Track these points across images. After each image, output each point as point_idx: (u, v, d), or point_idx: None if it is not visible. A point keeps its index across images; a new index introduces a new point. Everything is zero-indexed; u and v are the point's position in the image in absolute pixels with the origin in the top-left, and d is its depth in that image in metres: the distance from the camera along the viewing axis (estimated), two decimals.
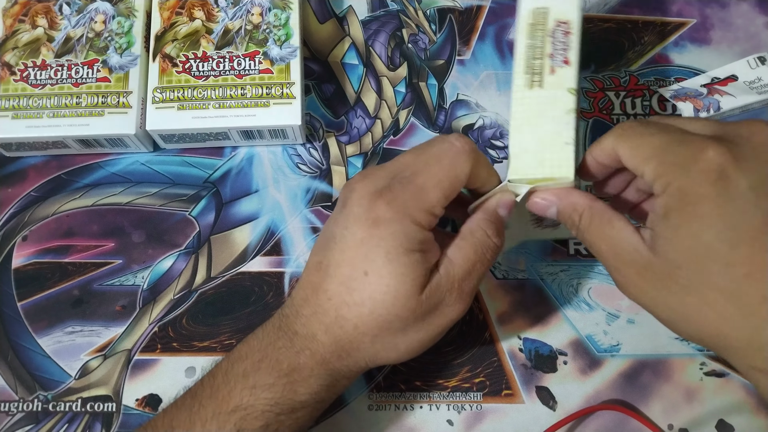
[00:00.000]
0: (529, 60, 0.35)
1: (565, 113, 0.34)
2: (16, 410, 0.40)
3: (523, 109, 0.35)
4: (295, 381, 0.32)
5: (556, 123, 0.34)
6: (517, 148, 0.34)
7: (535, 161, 0.34)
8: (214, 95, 0.44)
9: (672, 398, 0.41)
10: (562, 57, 0.35)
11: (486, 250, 0.33)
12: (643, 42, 0.50)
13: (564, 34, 0.35)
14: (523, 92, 0.35)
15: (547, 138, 0.34)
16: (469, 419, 0.41)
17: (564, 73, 0.35)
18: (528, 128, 0.34)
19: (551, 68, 0.35)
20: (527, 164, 0.34)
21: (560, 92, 0.35)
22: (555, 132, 0.34)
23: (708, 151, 0.26)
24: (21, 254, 0.44)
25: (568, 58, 0.35)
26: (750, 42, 0.50)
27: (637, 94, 0.49)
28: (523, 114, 0.35)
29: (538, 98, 0.35)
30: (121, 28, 0.46)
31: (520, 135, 0.34)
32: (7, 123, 0.43)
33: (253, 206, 0.45)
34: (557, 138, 0.34)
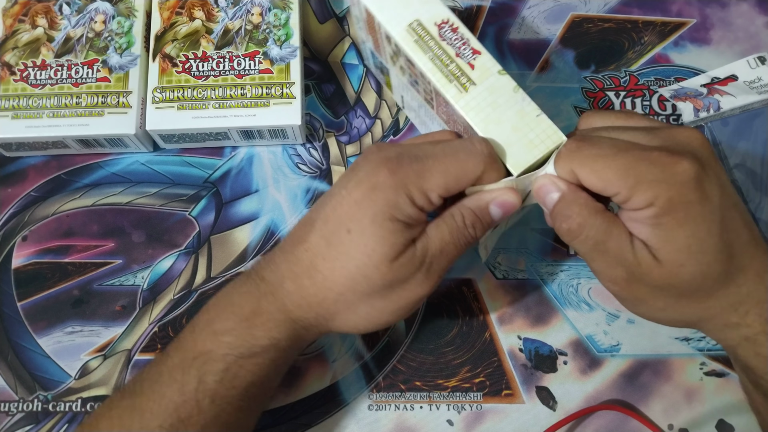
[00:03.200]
0: (443, 70, 0.35)
1: (513, 94, 0.34)
2: (16, 410, 0.40)
3: (474, 113, 0.34)
4: (254, 325, 0.33)
5: (513, 105, 0.34)
6: (501, 147, 0.34)
7: (524, 147, 0.33)
8: (214, 95, 0.44)
9: (672, 398, 0.41)
10: (469, 50, 0.35)
11: (460, 236, 0.34)
12: (643, 42, 0.50)
13: (453, 31, 0.35)
14: (462, 100, 0.34)
15: (518, 122, 0.34)
16: (469, 419, 0.41)
17: (482, 61, 0.35)
18: (494, 126, 0.34)
19: (468, 64, 0.34)
20: (519, 155, 0.33)
21: (493, 79, 0.34)
22: (519, 113, 0.34)
23: (682, 163, 0.30)
24: (21, 254, 0.44)
25: (475, 48, 0.35)
26: (750, 42, 0.50)
27: (637, 94, 0.49)
28: (479, 116, 0.34)
29: (478, 96, 0.34)
30: (121, 28, 0.46)
31: (493, 132, 0.34)
32: (7, 123, 0.43)
33: (253, 206, 0.45)
34: (526, 117, 0.34)
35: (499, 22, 0.51)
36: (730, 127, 0.48)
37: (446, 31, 0.35)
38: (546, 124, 0.33)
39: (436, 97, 0.36)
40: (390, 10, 0.36)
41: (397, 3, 0.36)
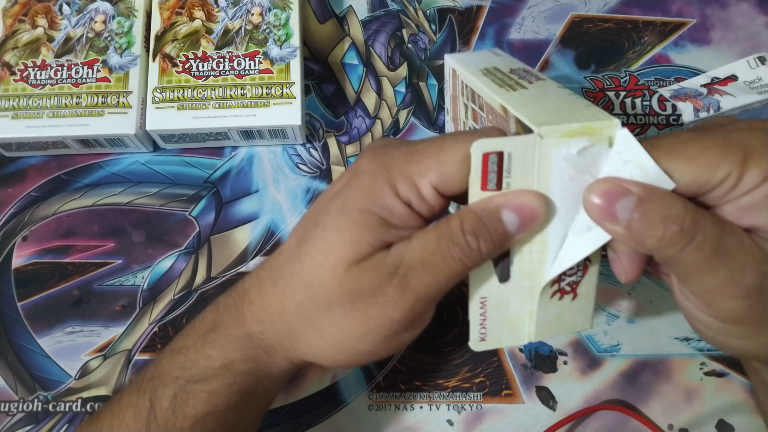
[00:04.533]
0: (499, 83, 0.31)
1: (562, 90, 0.29)
2: (16, 410, 0.40)
3: (513, 100, 0.28)
4: (208, 342, 0.28)
5: (561, 96, 0.28)
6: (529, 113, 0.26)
7: (560, 116, 0.25)
8: (214, 95, 0.44)
9: (672, 398, 0.41)
10: (534, 77, 0.32)
11: (452, 244, 0.25)
12: (643, 42, 0.50)
13: (524, 71, 0.33)
14: (506, 95, 0.29)
15: (561, 104, 0.27)
16: (469, 419, 0.41)
17: (544, 81, 0.31)
18: (531, 106, 0.27)
19: (528, 81, 0.31)
20: (552, 117, 0.25)
21: (548, 86, 0.30)
22: (566, 100, 0.27)
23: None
24: (21, 254, 0.44)
25: (540, 76, 0.31)
26: (750, 42, 0.50)
27: (637, 94, 0.49)
28: (517, 101, 0.28)
29: (526, 94, 0.29)
30: (121, 28, 0.46)
31: (526, 109, 0.27)
32: (7, 123, 0.43)
33: (253, 206, 0.45)
34: (573, 102, 0.27)
35: (499, 22, 0.51)
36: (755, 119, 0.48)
37: (519, 71, 0.33)
38: (596, 110, 0.26)
39: (487, 120, 0.32)
40: (472, 66, 0.34)
41: (482, 63, 0.34)
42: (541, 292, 0.28)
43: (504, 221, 0.25)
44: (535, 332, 0.29)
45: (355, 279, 0.26)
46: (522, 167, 0.25)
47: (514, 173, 0.25)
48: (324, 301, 0.27)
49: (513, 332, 0.29)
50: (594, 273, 0.28)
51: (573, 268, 0.27)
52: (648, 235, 0.24)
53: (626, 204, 0.23)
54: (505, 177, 0.25)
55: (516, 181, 0.25)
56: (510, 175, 0.25)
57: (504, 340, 0.30)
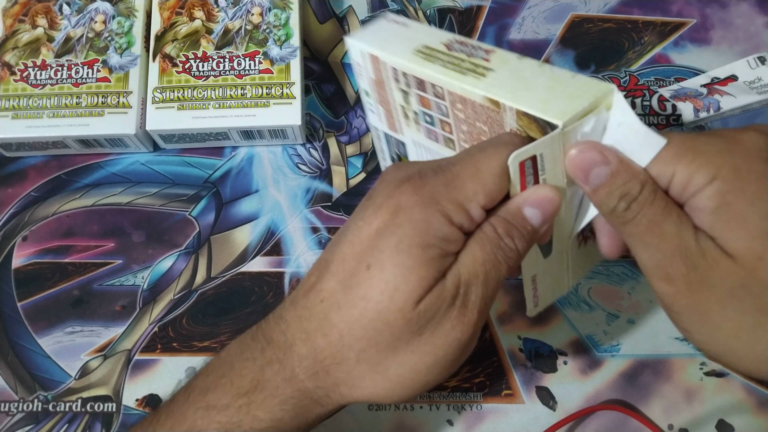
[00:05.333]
0: (456, 69, 0.30)
1: (539, 67, 0.29)
2: (16, 410, 0.40)
3: (498, 90, 0.28)
4: (254, 402, 0.27)
5: (542, 74, 0.28)
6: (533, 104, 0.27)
7: (565, 101, 0.26)
8: (214, 95, 0.44)
9: (672, 398, 0.41)
10: (482, 51, 0.31)
11: (496, 249, 0.26)
12: (643, 42, 0.50)
13: (460, 44, 0.31)
14: (481, 84, 0.28)
15: (551, 84, 0.28)
16: (469, 419, 0.41)
17: (498, 54, 0.30)
18: (524, 93, 0.27)
19: (483, 59, 0.30)
20: (560, 107, 0.26)
21: (514, 62, 0.29)
22: (551, 78, 0.28)
23: (748, 132, 0.25)
24: (21, 254, 0.44)
25: (488, 48, 0.31)
26: (750, 42, 0.50)
27: (637, 94, 0.49)
28: (504, 91, 0.28)
29: (499, 77, 0.29)
30: (121, 28, 0.46)
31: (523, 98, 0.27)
32: (7, 123, 0.43)
33: (253, 206, 0.45)
34: (559, 78, 0.28)
35: (499, 22, 0.51)
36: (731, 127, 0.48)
37: (454, 44, 0.31)
38: (585, 80, 0.27)
39: (452, 109, 0.31)
40: (394, 46, 0.32)
41: (401, 40, 0.32)
42: (571, 245, 0.31)
43: (528, 217, 0.27)
44: (572, 279, 0.34)
45: (422, 314, 0.25)
46: (552, 161, 0.27)
47: (547, 168, 0.27)
48: (390, 343, 0.26)
49: (557, 288, 0.34)
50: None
51: None
52: (604, 203, 0.26)
53: (600, 172, 0.26)
54: (541, 174, 0.27)
55: (549, 174, 0.27)
56: (545, 171, 0.27)
57: (551, 298, 0.34)
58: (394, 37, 0.33)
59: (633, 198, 0.26)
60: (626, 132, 0.26)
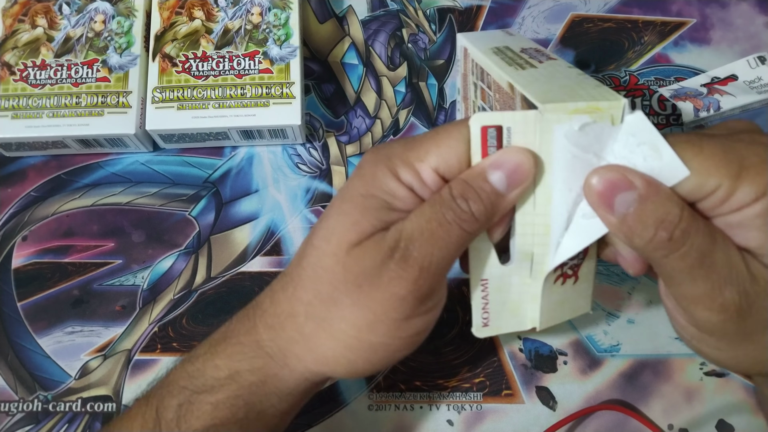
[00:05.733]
0: (509, 62, 0.30)
1: (571, 70, 0.28)
2: (16, 410, 0.40)
3: (521, 78, 0.27)
4: (217, 351, 0.28)
5: (570, 76, 0.27)
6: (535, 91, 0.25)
7: (566, 95, 0.25)
8: (213, 95, 0.44)
9: (672, 398, 0.41)
10: (545, 56, 0.30)
11: (445, 209, 0.25)
12: (643, 42, 0.50)
13: (536, 51, 0.32)
14: (515, 74, 0.28)
15: (568, 83, 0.26)
16: (469, 419, 0.41)
17: (556, 60, 0.30)
18: (539, 85, 0.26)
19: (538, 61, 0.30)
20: (558, 96, 0.25)
21: (557, 65, 0.29)
22: (575, 79, 0.27)
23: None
24: (21, 254, 0.44)
25: (551, 56, 0.31)
26: (750, 42, 0.50)
27: (637, 94, 0.49)
28: (525, 80, 0.27)
29: (534, 73, 0.28)
30: (121, 27, 0.46)
31: (532, 87, 0.26)
32: (7, 123, 0.43)
33: (253, 206, 0.45)
34: (581, 81, 0.26)
35: (499, 22, 0.51)
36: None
37: (529, 50, 0.32)
38: (605, 90, 0.25)
39: (494, 100, 0.31)
40: (482, 44, 0.33)
41: (492, 42, 0.33)
42: (545, 280, 0.27)
43: (491, 181, 0.25)
44: (540, 321, 0.29)
45: (357, 259, 0.25)
46: (522, 143, 0.25)
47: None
48: (330, 293, 0.26)
49: (516, 318, 0.29)
50: (594, 254, 0.28)
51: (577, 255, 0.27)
52: (638, 234, 0.23)
53: (627, 198, 0.23)
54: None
55: None
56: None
57: (507, 326, 0.29)
58: (491, 40, 0.34)
59: (674, 225, 0.23)
60: (648, 153, 0.23)
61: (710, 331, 0.25)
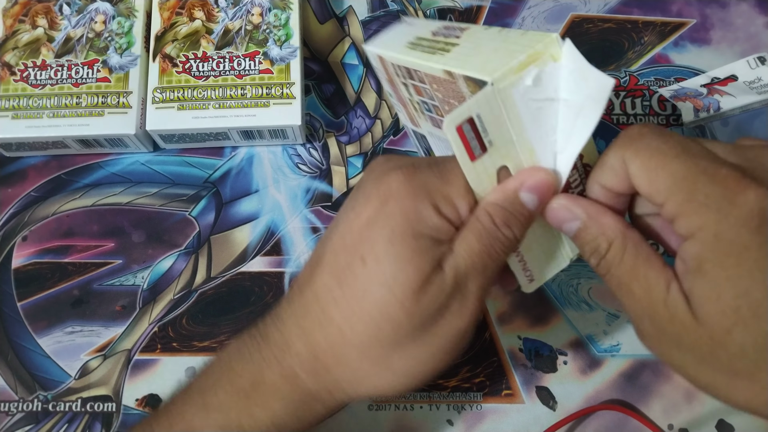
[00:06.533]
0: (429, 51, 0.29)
1: (497, 32, 0.28)
2: (16, 410, 0.40)
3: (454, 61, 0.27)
4: (253, 401, 0.27)
5: (496, 37, 0.27)
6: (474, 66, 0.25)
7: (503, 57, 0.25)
8: (214, 95, 0.44)
9: (672, 398, 0.41)
10: (458, 30, 0.30)
11: (493, 240, 0.26)
12: (643, 42, 0.50)
13: (446, 28, 0.31)
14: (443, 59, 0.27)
15: (499, 45, 0.26)
16: (469, 419, 0.41)
17: (470, 29, 0.29)
18: (472, 58, 0.26)
19: (455, 36, 0.29)
20: (496, 61, 0.25)
21: (478, 33, 0.28)
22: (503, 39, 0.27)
23: (748, 193, 0.22)
24: (21, 254, 0.44)
25: (464, 27, 0.30)
26: (750, 42, 0.50)
27: (637, 94, 0.49)
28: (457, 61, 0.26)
29: (460, 50, 0.28)
30: (121, 28, 0.46)
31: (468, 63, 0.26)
32: (7, 123, 0.43)
33: (253, 206, 0.45)
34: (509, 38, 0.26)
35: (499, 22, 0.51)
36: (730, 128, 0.48)
37: (440, 30, 0.31)
38: (532, 35, 0.26)
39: (432, 91, 0.31)
40: (393, 43, 0.32)
41: (401, 37, 0.33)
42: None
43: (524, 202, 0.26)
44: (573, 248, 0.31)
45: (424, 306, 0.25)
46: (495, 121, 0.25)
47: (490, 130, 0.25)
48: (394, 338, 0.26)
49: (554, 261, 0.32)
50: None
51: (575, 176, 0.28)
52: (581, 252, 0.27)
53: (572, 227, 0.27)
54: (485, 137, 0.25)
55: (495, 136, 0.26)
56: (488, 133, 0.25)
57: (549, 272, 0.32)
58: (398, 36, 0.33)
59: (601, 255, 0.26)
60: (577, 79, 0.25)
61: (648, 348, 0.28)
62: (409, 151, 0.47)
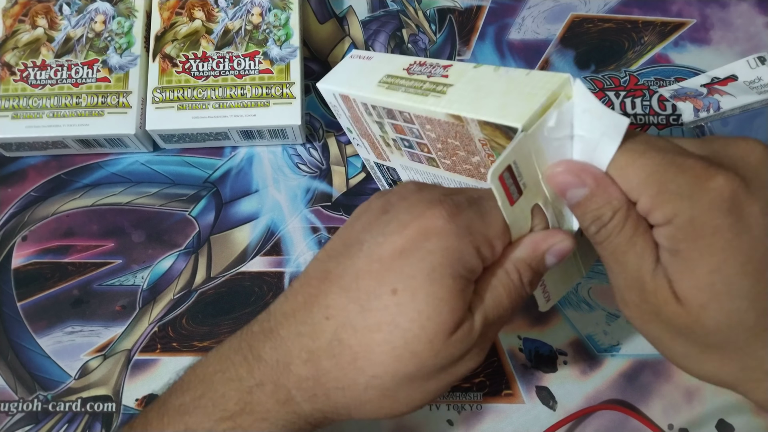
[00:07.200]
0: (417, 92, 0.30)
1: (494, 72, 0.29)
2: (16, 410, 0.40)
3: (458, 105, 0.28)
4: (240, 427, 0.25)
5: (498, 79, 0.28)
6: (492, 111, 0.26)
7: (522, 101, 0.26)
8: (213, 95, 0.44)
9: (672, 398, 0.41)
10: (440, 68, 0.31)
11: (519, 297, 0.27)
12: (643, 42, 0.50)
13: (420, 65, 0.31)
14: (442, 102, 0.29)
15: (507, 87, 0.27)
16: (469, 419, 0.41)
17: (455, 68, 0.30)
18: (484, 102, 0.27)
19: (442, 76, 0.30)
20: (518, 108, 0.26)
21: (471, 73, 0.29)
22: (507, 81, 0.28)
23: (717, 178, 0.23)
24: (21, 254, 0.44)
25: (446, 64, 0.31)
26: (750, 42, 0.50)
27: (637, 94, 0.49)
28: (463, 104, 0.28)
29: (458, 91, 0.29)
30: (121, 28, 0.46)
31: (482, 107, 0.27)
32: (7, 123, 0.43)
33: (253, 206, 0.45)
34: (515, 80, 0.27)
35: (499, 22, 0.51)
36: (730, 127, 0.48)
37: (415, 67, 0.32)
38: (539, 75, 0.27)
39: (423, 130, 0.31)
40: (360, 82, 0.33)
41: (365, 74, 0.33)
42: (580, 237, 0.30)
43: (547, 263, 0.28)
44: (584, 266, 0.34)
45: (451, 350, 0.25)
46: (526, 164, 0.26)
47: (524, 173, 0.26)
48: (411, 372, 0.25)
49: (567, 281, 0.34)
50: None
51: None
52: (579, 220, 0.27)
53: (577, 193, 0.26)
54: (520, 180, 0.26)
55: (528, 178, 0.27)
56: (522, 176, 0.26)
57: (563, 291, 0.35)
58: (359, 73, 0.33)
59: (603, 224, 0.26)
60: (591, 118, 0.25)
61: (629, 321, 0.28)
62: None
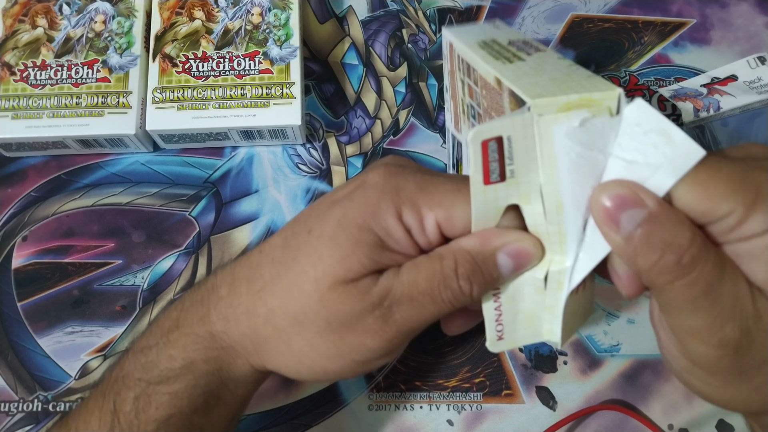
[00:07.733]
0: (496, 56, 0.28)
1: (560, 60, 0.27)
2: (16, 410, 0.40)
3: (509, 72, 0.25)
4: (170, 341, 0.27)
5: (560, 66, 0.26)
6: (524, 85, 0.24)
7: (557, 88, 0.23)
8: (214, 95, 0.44)
9: (672, 398, 0.41)
10: (533, 48, 0.29)
11: (444, 287, 0.25)
12: (643, 42, 0.50)
13: (524, 43, 0.30)
14: (502, 67, 0.26)
15: (558, 75, 0.24)
16: (469, 419, 0.41)
17: (544, 51, 0.28)
18: (528, 78, 0.25)
19: (527, 53, 0.28)
20: (548, 89, 0.23)
21: (546, 55, 0.27)
22: (565, 70, 0.25)
23: None
24: (21, 254, 0.44)
25: (541, 48, 0.29)
26: (750, 42, 0.50)
27: (637, 94, 0.49)
28: (514, 73, 0.25)
29: (523, 66, 0.26)
30: (121, 28, 0.46)
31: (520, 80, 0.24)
32: (7, 123, 0.43)
33: (253, 206, 0.45)
34: (573, 73, 0.25)
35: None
36: (730, 127, 0.48)
37: (517, 42, 0.30)
38: (597, 80, 0.23)
39: (481, 97, 0.29)
40: (469, 38, 0.31)
41: (479, 35, 0.31)
42: (567, 299, 0.26)
43: (499, 265, 0.24)
44: (562, 337, 0.27)
45: (337, 301, 0.25)
46: (524, 151, 0.23)
47: (517, 159, 0.23)
48: (298, 313, 0.25)
49: (531, 328, 0.28)
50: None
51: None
52: (642, 255, 0.22)
53: (634, 216, 0.21)
54: (508, 164, 0.23)
55: (520, 168, 0.23)
56: (513, 161, 0.23)
57: (522, 338, 0.28)
58: (477, 33, 0.32)
59: (684, 249, 0.21)
60: (658, 140, 0.21)
61: (704, 366, 0.24)
62: (408, 152, 0.47)
